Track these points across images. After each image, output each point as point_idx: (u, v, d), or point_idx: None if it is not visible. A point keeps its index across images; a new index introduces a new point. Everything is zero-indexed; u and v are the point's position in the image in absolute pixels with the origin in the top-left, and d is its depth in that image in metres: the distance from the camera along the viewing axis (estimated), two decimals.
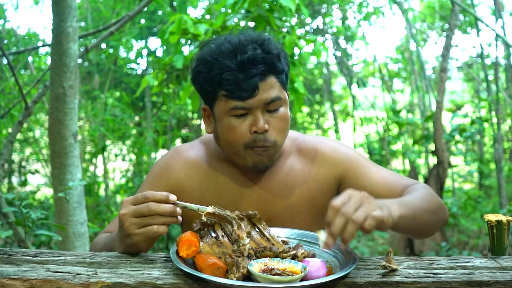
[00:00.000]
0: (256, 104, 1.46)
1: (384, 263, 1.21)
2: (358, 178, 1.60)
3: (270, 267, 1.18)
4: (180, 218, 1.30)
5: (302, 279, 1.13)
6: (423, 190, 1.50)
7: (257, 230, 1.41)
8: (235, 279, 1.13)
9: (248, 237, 1.31)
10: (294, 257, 1.23)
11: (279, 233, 1.46)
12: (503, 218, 1.36)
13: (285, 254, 1.23)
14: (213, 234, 1.36)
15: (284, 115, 1.51)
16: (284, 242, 1.41)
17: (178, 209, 1.29)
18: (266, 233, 1.40)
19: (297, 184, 1.61)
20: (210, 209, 1.31)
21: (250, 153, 1.50)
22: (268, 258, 1.21)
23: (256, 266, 1.16)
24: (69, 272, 1.16)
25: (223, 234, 1.37)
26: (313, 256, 1.27)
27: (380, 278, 1.17)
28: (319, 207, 1.62)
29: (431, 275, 1.19)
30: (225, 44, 1.48)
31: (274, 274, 1.14)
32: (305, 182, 1.62)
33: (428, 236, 1.53)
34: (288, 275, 1.14)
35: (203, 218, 1.31)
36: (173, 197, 1.28)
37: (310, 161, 1.63)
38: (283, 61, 1.52)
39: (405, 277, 1.17)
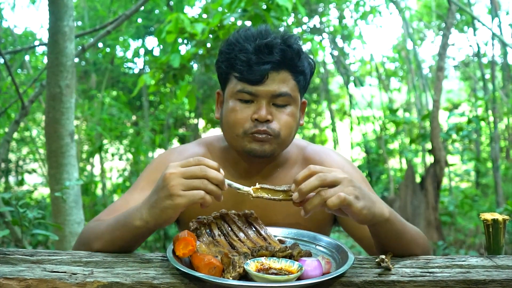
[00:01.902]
0: (263, 93, 1.45)
1: (381, 257, 1.21)
2: None
3: (266, 267, 1.18)
4: (222, 197, 1.23)
5: (299, 279, 1.13)
6: (418, 229, 1.47)
7: (254, 229, 1.40)
8: (231, 278, 1.13)
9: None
10: (290, 256, 1.23)
11: (275, 232, 1.46)
12: (499, 217, 1.36)
13: (281, 254, 1.22)
14: (210, 234, 1.36)
15: (291, 112, 1.49)
16: (280, 241, 1.41)
17: (226, 184, 1.23)
18: (262, 232, 1.40)
19: None
20: (257, 185, 1.27)
21: (248, 139, 1.47)
22: (265, 257, 1.21)
23: (252, 266, 1.16)
24: (65, 272, 1.16)
25: (219, 233, 1.37)
26: (310, 255, 1.27)
27: (376, 277, 1.17)
28: (317, 221, 1.60)
29: (427, 274, 1.19)
30: (252, 29, 1.50)
31: (271, 274, 1.14)
32: None
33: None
34: (285, 274, 1.14)
35: (252, 194, 1.26)
36: (222, 171, 1.22)
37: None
38: (304, 62, 1.50)
39: (401, 276, 1.18)
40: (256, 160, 1.55)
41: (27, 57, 6.56)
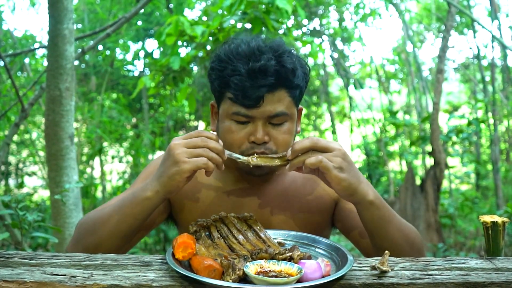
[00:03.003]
0: (259, 115, 1.43)
1: (373, 264, 1.21)
2: (351, 204, 1.55)
3: (266, 269, 1.18)
4: (223, 166, 1.34)
5: (298, 281, 1.13)
6: (411, 226, 1.50)
7: (253, 231, 1.40)
8: (231, 281, 1.12)
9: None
10: (290, 259, 1.23)
11: (275, 235, 1.46)
12: (499, 219, 1.36)
13: (281, 256, 1.22)
14: (209, 236, 1.36)
15: (288, 130, 1.47)
16: (280, 244, 1.41)
17: (226, 154, 1.34)
18: (262, 235, 1.40)
19: (297, 198, 1.59)
20: (255, 155, 1.40)
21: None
22: (264, 260, 1.21)
23: (252, 268, 1.16)
24: (64, 275, 1.16)
25: (219, 236, 1.37)
26: (309, 258, 1.26)
27: (375, 279, 1.17)
28: (316, 224, 1.60)
29: (427, 276, 1.19)
30: (243, 46, 1.45)
31: (270, 276, 1.14)
32: (305, 197, 1.60)
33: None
34: (284, 277, 1.14)
35: (251, 162, 1.38)
36: (221, 142, 1.34)
37: (312, 176, 1.56)
38: (300, 76, 1.47)
39: (401, 278, 1.17)
40: None
41: (27, 60, 6.57)
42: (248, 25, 3.88)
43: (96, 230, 1.40)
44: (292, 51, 1.49)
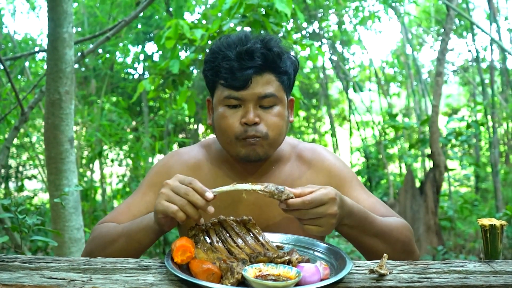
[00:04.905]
0: (249, 97, 1.49)
1: (371, 267, 1.21)
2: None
3: (264, 273, 1.18)
4: (202, 220, 1.33)
5: (297, 285, 1.13)
6: (397, 223, 1.54)
7: (252, 235, 1.41)
8: (229, 284, 1.13)
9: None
10: (288, 263, 1.23)
11: (273, 238, 1.46)
12: (497, 222, 1.36)
13: (279, 260, 1.23)
14: (208, 240, 1.36)
15: (278, 112, 1.53)
16: (278, 247, 1.42)
17: (211, 208, 1.30)
18: (260, 239, 1.40)
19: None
20: (247, 186, 1.34)
21: (241, 144, 1.51)
22: (263, 263, 1.21)
23: (250, 272, 1.16)
24: (63, 278, 1.16)
25: (217, 239, 1.37)
26: (308, 261, 1.27)
27: (374, 283, 1.17)
28: None
29: (425, 279, 1.19)
30: (233, 37, 1.54)
31: (269, 280, 1.15)
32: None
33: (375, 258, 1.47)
34: (283, 280, 1.14)
35: (256, 189, 1.33)
36: (209, 195, 1.30)
37: (308, 168, 1.66)
38: (287, 62, 1.54)
39: (399, 281, 1.18)
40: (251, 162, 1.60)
41: (27, 63, 6.57)
42: (248, 28, 3.89)
43: (106, 248, 1.48)
44: (278, 39, 1.56)
